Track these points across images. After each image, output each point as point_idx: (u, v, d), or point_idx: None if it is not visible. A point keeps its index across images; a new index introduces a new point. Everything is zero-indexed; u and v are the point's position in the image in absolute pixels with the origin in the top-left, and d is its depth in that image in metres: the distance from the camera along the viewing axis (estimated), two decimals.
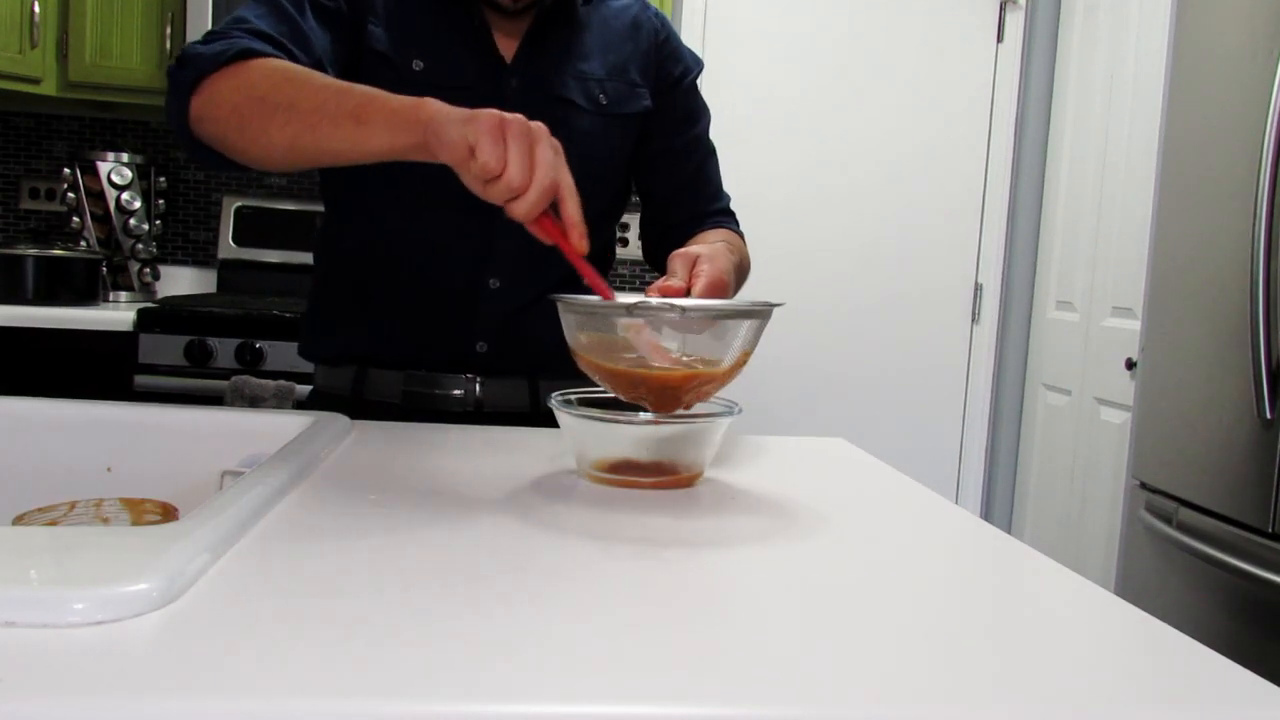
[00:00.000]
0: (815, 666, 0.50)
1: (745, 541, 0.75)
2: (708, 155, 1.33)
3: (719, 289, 0.92)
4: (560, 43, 1.19)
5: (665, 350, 0.84)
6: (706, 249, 0.98)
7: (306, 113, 0.88)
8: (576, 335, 0.86)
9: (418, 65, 1.14)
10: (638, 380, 0.84)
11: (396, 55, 1.13)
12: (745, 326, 0.85)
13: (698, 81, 1.32)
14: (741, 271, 1.17)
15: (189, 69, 0.97)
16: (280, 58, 0.98)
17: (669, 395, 0.85)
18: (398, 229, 1.17)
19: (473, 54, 1.17)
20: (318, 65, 1.03)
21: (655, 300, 0.85)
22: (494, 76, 1.17)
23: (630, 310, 0.82)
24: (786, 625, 0.57)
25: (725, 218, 1.32)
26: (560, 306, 0.86)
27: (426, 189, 1.12)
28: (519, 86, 1.17)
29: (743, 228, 1.33)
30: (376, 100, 0.86)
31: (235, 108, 0.94)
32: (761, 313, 0.86)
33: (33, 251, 2.41)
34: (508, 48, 1.18)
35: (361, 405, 1.17)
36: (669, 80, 1.27)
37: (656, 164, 1.29)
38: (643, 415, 0.93)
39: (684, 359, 0.85)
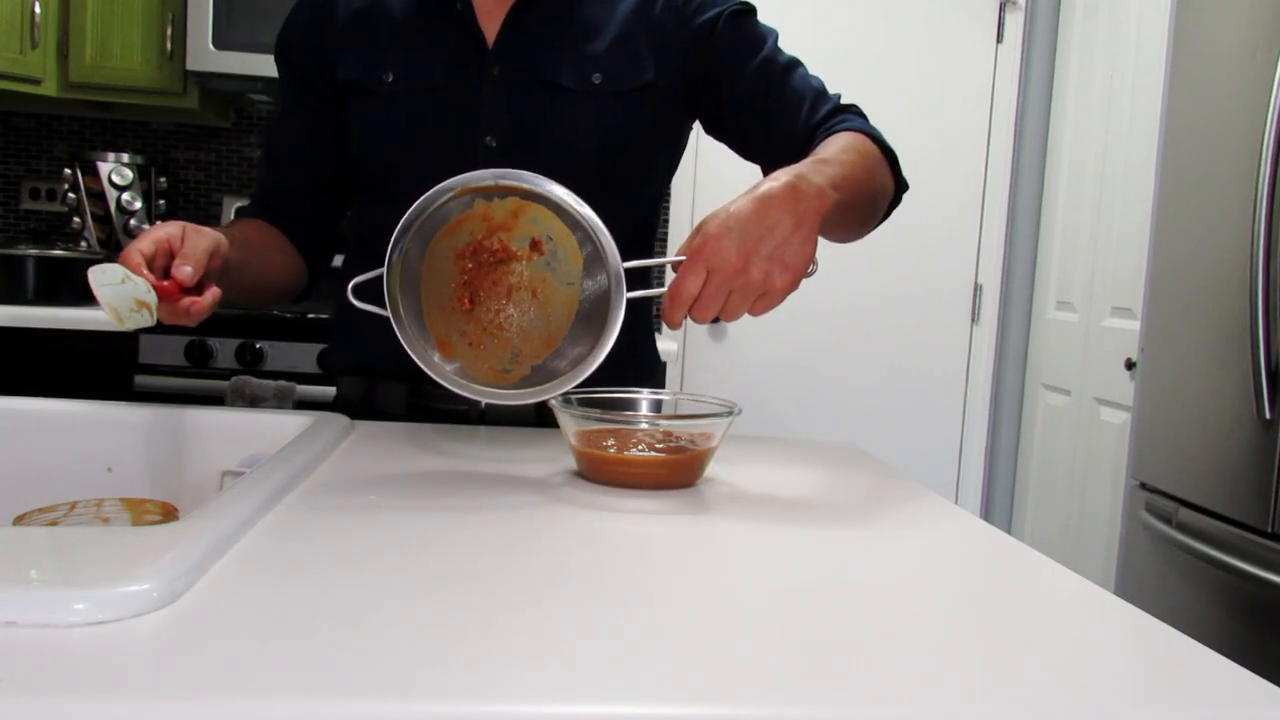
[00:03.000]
0: (814, 666, 0.50)
1: (746, 541, 0.75)
2: (785, 74, 1.13)
3: (695, 264, 0.84)
4: (552, 17, 1.12)
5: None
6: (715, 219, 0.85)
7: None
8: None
9: (388, 78, 1.12)
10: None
11: (366, 78, 1.13)
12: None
13: (743, 12, 1.15)
14: (856, 179, 0.97)
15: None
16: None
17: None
18: (381, 227, 1.16)
19: (451, 43, 1.12)
20: (311, 182, 1.24)
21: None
22: (473, 66, 1.12)
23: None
24: (786, 624, 0.57)
25: (832, 121, 1.11)
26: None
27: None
28: (501, 74, 1.11)
29: None
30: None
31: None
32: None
33: (33, 251, 2.41)
34: (492, 28, 1.12)
35: (371, 416, 1.16)
36: (701, 33, 1.13)
37: (739, 119, 1.15)
38: (643, 418, 0.93)
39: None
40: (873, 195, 1.04)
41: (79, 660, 0.45)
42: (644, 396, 0.99)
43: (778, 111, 1.13)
